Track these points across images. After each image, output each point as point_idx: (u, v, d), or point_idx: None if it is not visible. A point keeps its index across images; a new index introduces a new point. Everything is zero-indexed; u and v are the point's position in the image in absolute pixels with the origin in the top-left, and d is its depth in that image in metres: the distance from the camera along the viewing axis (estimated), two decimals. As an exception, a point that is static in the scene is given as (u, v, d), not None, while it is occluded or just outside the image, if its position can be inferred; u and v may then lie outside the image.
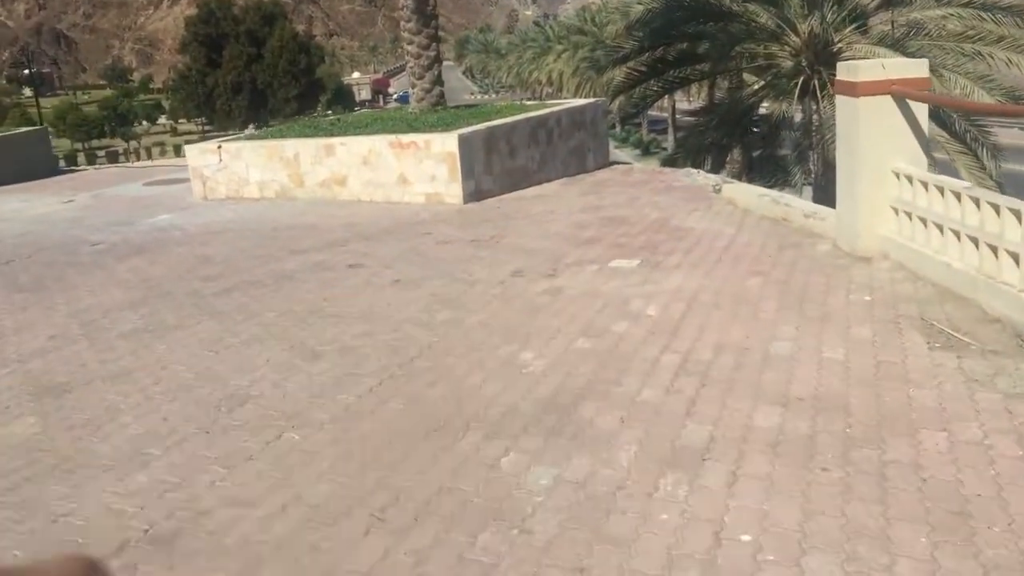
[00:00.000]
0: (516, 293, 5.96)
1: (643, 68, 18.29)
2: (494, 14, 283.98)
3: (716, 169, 17.20)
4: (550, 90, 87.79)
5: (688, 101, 47.56)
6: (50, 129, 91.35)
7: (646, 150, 54.70)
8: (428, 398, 4.25)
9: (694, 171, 11.27)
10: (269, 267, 7.21)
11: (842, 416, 3.76)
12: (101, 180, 14.38)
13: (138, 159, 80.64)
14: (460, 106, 12.91)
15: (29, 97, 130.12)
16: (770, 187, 16.06)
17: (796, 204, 7.62)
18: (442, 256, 7.24)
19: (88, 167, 16.34)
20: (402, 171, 10.04)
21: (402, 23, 12.00)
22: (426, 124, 10.63)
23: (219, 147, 11.19)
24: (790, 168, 22.33)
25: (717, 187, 9.33)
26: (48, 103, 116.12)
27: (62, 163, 20.92)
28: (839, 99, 6.37)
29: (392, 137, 10.05)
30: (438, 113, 11.73)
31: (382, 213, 9.58)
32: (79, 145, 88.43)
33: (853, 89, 6.02)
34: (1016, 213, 4.61)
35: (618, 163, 12.84)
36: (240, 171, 11.10)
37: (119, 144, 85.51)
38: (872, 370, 4.24)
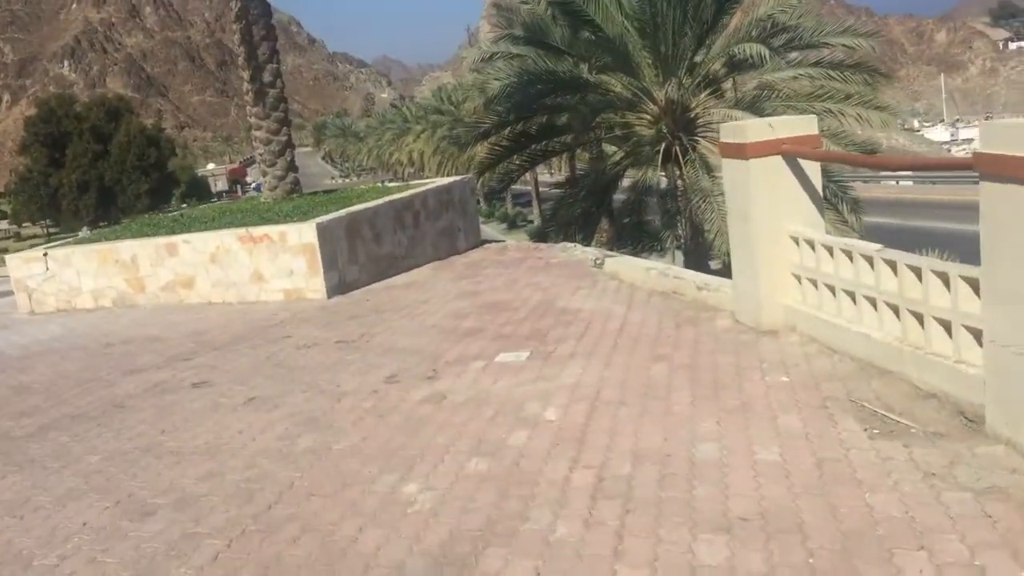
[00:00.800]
0: (392, 405, 5.14)
1: (506, 143, 18.00)
2: (350, 98, 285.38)
3: (587, 240, 16.91)
4: (411, 170, 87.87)
5: (550, 173, 48.10)
6: None
7: (512, 224, 54.97)
8: (290, 562, 3.36)
9: (570, 245, 10.78)
10: (98, 394, 6.13)
11: (799, 540, 3.09)
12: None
13: (-23, 267, 75.82)
14: (317, 192, 12.11)
15: None
16: (636, 254, 15.89)
17: (687, 276, 7.14)
18: (304, 364, 6.35)
19: None
20: (256, 267, 9.11)
21: (248, 108, 11.17)
22: (280, 214, 9.77)
23: (44, 254, 9.96)
24: (659, 234, 22.47)
25: (599, 261, 8.81)
26: None
27: None
28: (726, 163, 5.93)
29: (242, 231, 9.13)
30: (294, 201, 10.88)
31: (235, 316, 8.60)
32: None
33: (742, 151, 5.58)
34: (942, 276, 4.16)
35: (490, 241, 12.26)
36: (71, 280, 9.89)
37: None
38: (815, 472, 3.62)
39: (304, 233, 8.84)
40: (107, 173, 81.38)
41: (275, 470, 4.30)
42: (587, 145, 19.94)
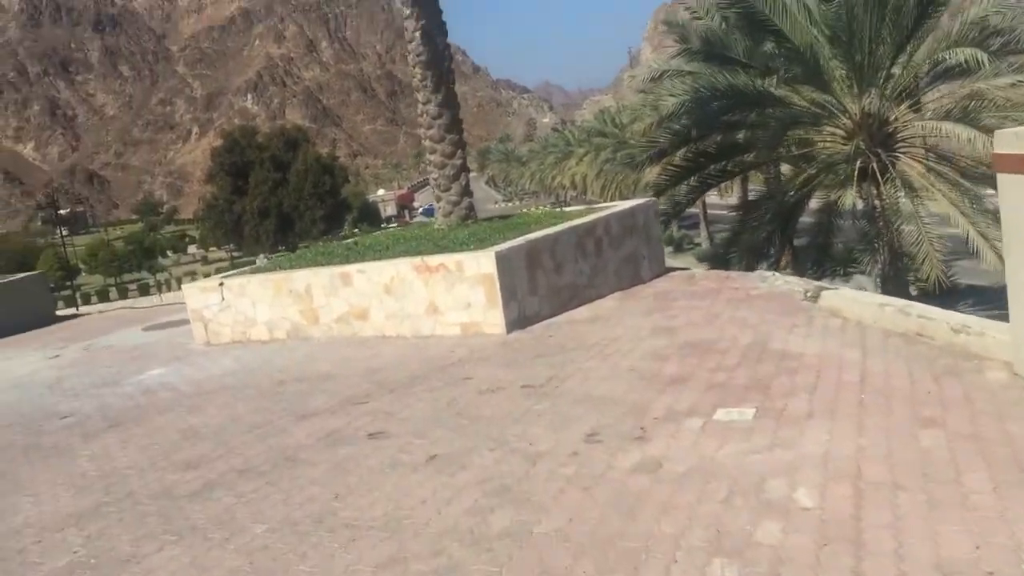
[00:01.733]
0: (598, 472, 4.31)
1: (684, 163, 16.99)
2: (513, 124, 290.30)
3: (773, 266, 15.63)
4: (574, 193, 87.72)
5: (719, 196, 46.40)
6: (82, 266, 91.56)
7: (679, 246, 53.43)
8: None
9: (769, 274, 9.67)
10: (268, 442, 5.61)
11: None
12: (98, 327, 13.06)
13: (169, 290, 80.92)
14: (492, 218, 11.51)
15: (66, 236, 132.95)
16: (819, 278, 14.47)
17: (937, 315, 5.96)
18: (488, 413, 5.62)
19: (90, 310, 15.01)
20: (432, 299, 8.54)
21: (422, 131, 10.72)
22: (456, 242, 9.18)
23: (220, 284, 9.79)
24: (847, 259, 20.73)
25: (812, 295, 7.71)
26: (82, 241, 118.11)
27: (63, 307, 19.77)
28: (1006, 179, 4.79)
29: (417, 260, 8.58)
30: (469, 228, 10.30)
31: (410, 352, 8.03)
32: (111, 280, 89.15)
33: (1032, 164, 4.45)
34: None
35: (675, 269, 11.28)
36: (246, 310, 9.66)
37: (152, 277, 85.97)
38: None
39: (482, 262, 8.20)
40: (286, 200, 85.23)
41: (467, 559, 3.54)
42: (767, 165, 18.64)
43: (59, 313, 15.47)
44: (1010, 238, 4.83)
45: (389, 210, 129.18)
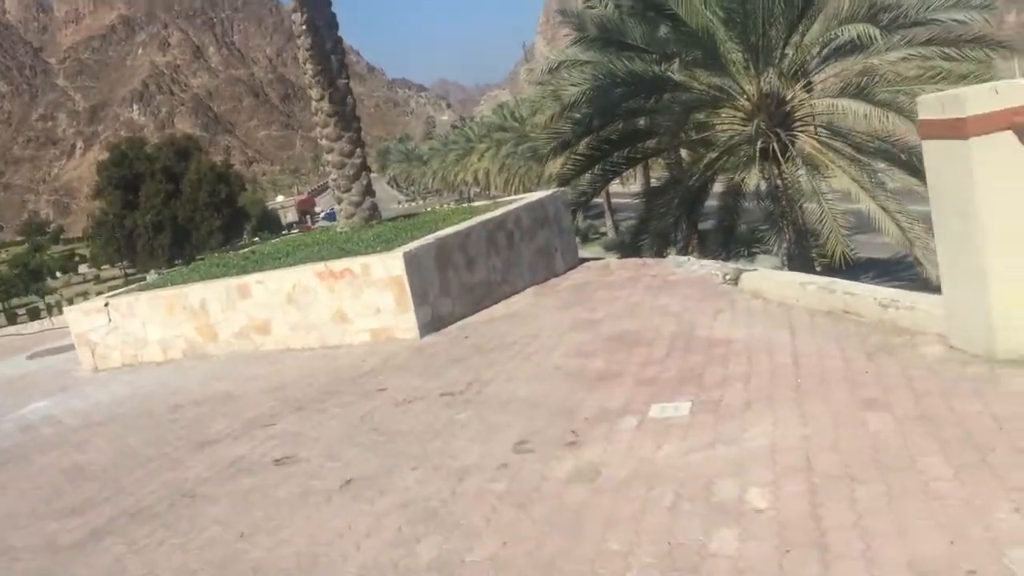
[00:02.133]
0: (531, 486, 3.95)
1: (588, 152, 16.80)
2: (411, 123, 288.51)
3: (683, 251, 15.58)
4: (476, 189, 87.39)
5: (621, 184, 46.70)
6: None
7: (585, 237, 53.61)
8: None
9: (684, 259, 9.49)
10: (163, 478, 5.07)
11: None
12: (-22, 357, 12.08)
13: (60, 312, 76.95)
14: (397, 217, 11.05)
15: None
16: (726, 260, 14.50)
17: (862, 291, 5.80)
18: (407, 427, 5.20)
19: None
20: (338, 306, 8.05)
21: (318, 130, 10.19)
22: (361, 244, 8.71)
23: (106, 304, 9.07)
24: (752, 240, 20.97)
25: (731, 277, 7.53)
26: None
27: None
28: (930, 146, 4.62)
29: (320, 266, 8.08)
30: (373, 229, 9.84)
31: (318, 364, 7.54)
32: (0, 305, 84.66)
33: (958, 128, 4.27)
34: None
35: (589, 259, 11.02)
36: (136, 331, 8.97)
37: (41, 300, 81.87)
38: None
39: (390, 265, 7.75)
40: (180, 212, 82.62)
41: (394, 600, 3.13)
42: (670, 151, 18.63)
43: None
44: (938, 205, 4.66)
45: (290, 216, 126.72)
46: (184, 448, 5.61)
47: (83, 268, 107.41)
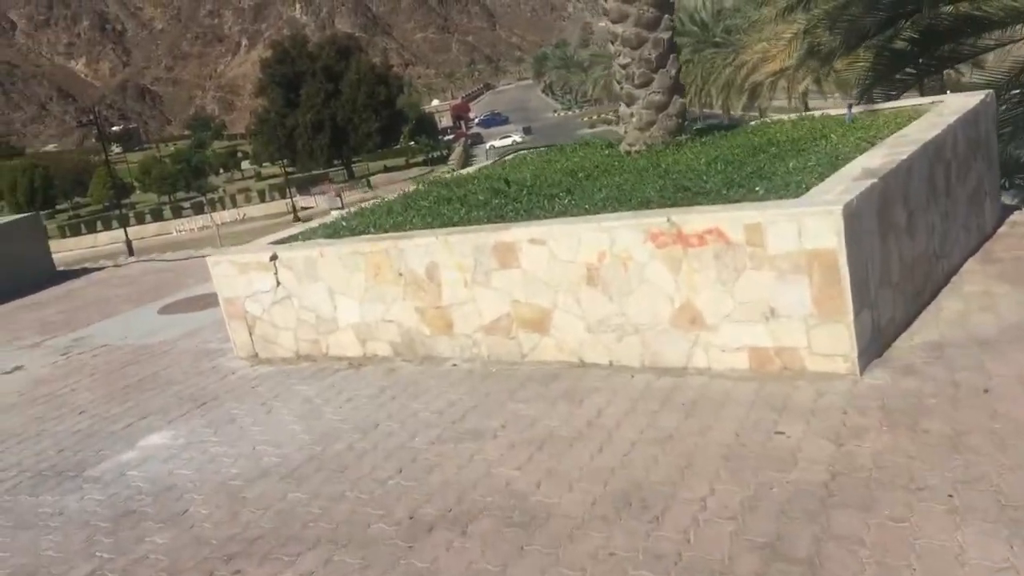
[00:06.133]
0: None
1: (903, 47, 12.24)
2: (568, 28, 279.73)
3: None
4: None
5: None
6: (136, 184, 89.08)
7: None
8: None
9: None
10: None
11: None
12: (104, 300, 8.98)
13: (224, 208, 76.95)
14: (699, 128, 7.06)
15: (119, 153, 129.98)
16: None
17: None
18: None
19: (103, 267, 10.84)
20: (687, 298, 4.30)
21: (602, -14, 6.29)
22: (714, 183, 4.84)
23: (273, 258, 5.62)
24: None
25: None
26: (135, 158, 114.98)
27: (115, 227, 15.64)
28: None
29: (658, 220, 4.31)
30: (687, 150, 5.97)
31: (660, 415, 3.86)
32: (165, 198, 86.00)
33: None
34: None
35: (1014, 208, 6.81)
36: (319, 304, 5.51)
37: (204, 195, 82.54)
38: None
39: (810, 227, 3.92)
40: (339, 112, 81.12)
41: None
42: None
43: (61, 269, 11.47)
44: None
45: (444, 121, 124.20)
46: None
47: (245, 164, 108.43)
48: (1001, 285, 4.95)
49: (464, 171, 7.74)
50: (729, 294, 4.21)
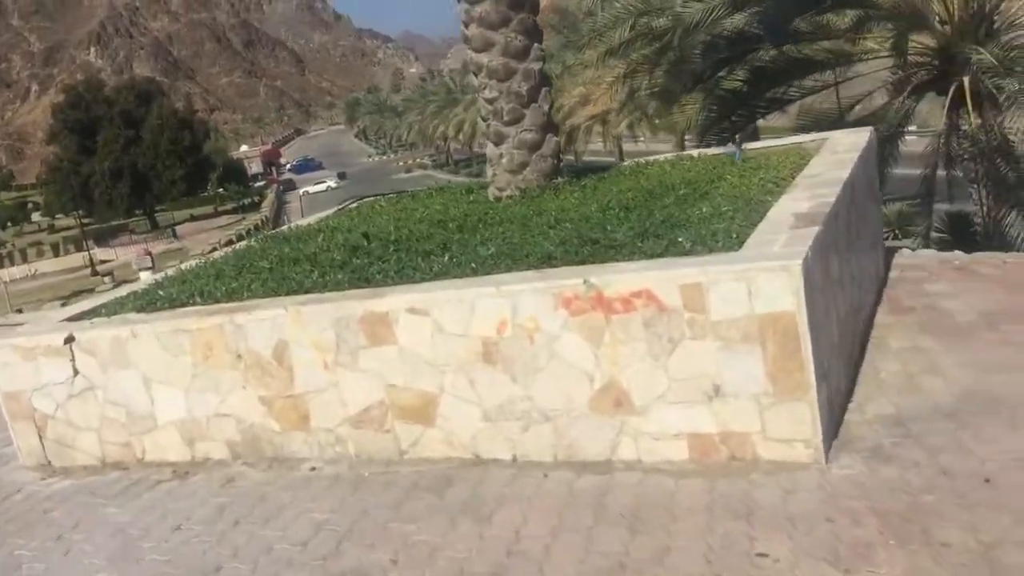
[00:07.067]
0: None
1: (733, 90, 12.22)
2: (378, 74, 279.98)
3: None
4: (457, 145, 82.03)
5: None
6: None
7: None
8: None
9: None
10: None
11: None
12: None
13: (12, 263, 70.53)
14: (573, 170, 6.34)
15: None
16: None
17: None
18: None
19: None
20: (610, 375, 3.50)
21: (461, 6, 5.51)
22: (624, 234, 4.07)
23: (69, 340, 4.36)
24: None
25: None
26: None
27: None
28: None
29: (571, 284, 3.49)
30: (569, 194, 5.24)
31: (598, 533, 3.02)
32: (-51, 255, 77.85)
33: None
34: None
35: (893, 249, 6.48)
36: (130, 394, 4.30)
37: (-10, 250, 75.21)
38: None
39: (763, 286, 3.22)
40: (140, 159, 76.56)
41: None
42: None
43: None
44: None
45: (254, 168, 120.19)
46: None
47: (36, 216, 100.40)
48: (925, 338, 4.47)
49: (303, 223, 6.63)
50: (663, 370, 3.44)
